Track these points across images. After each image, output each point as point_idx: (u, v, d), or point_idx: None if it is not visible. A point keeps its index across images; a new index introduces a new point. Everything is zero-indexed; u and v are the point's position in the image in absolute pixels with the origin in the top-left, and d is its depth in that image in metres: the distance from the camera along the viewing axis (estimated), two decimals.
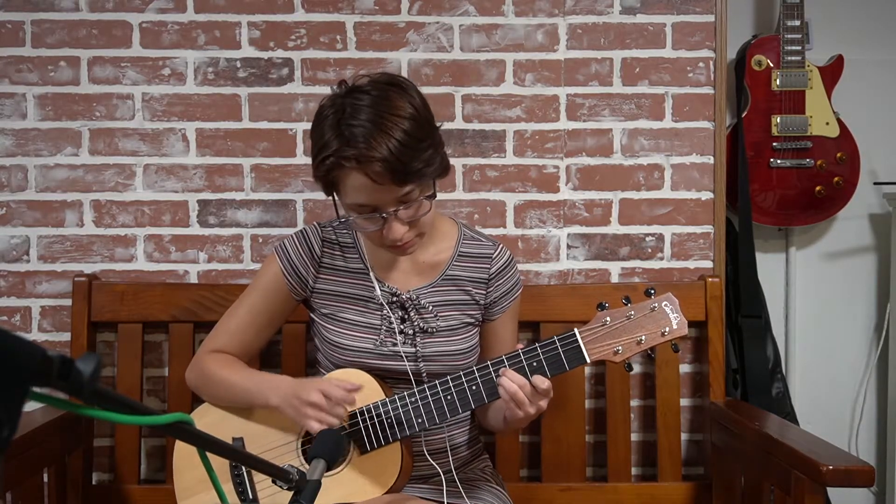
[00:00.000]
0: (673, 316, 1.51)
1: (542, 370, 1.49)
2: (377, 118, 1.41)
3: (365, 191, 1.44)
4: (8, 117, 2.10)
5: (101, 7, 2.10)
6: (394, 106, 1.44)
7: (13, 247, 2.11)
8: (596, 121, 2.16)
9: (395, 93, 1.46)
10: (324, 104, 1.49)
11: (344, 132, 1.41)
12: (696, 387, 2.15)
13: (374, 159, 1.40)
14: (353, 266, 1.65)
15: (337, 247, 1.66)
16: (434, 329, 1.63)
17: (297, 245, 1.66)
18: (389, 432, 1.54)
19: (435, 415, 1.53)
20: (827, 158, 2.43)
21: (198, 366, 1.67)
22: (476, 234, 1.72)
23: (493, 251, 1.69)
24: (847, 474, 1.51)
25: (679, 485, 2.07)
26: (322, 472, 1.16)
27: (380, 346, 1.61)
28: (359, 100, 1.44)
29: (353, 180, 1.44)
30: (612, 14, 2.15)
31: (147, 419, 0.76)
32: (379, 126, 1.41)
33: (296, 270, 1.65)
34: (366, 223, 1.49)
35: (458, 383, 1.53)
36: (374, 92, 1.45)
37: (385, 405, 1.54)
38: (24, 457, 1.70)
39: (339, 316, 1.64)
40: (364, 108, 1.43)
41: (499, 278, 1.68)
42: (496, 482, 1.74)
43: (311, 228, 1.67)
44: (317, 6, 2.12)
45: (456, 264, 1.67)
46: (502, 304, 1.70)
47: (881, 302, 2.59)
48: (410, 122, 1.44)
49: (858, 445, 2.58)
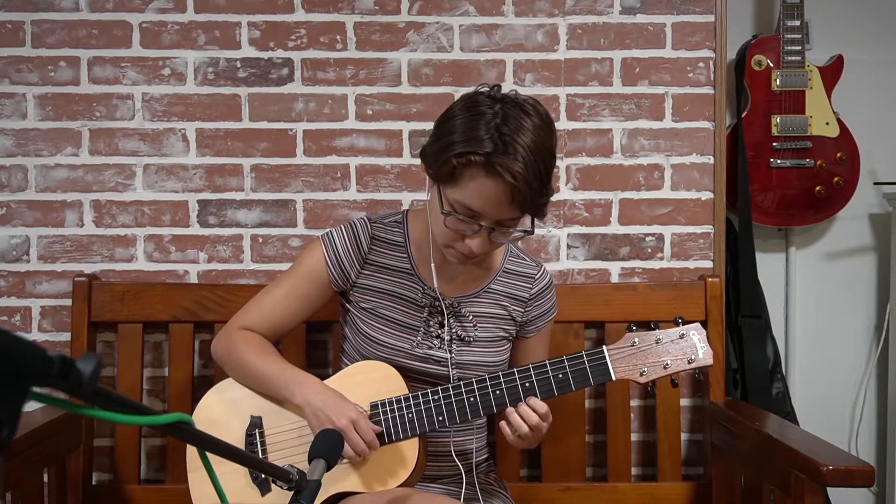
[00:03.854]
0: (700, 346, 1.54)
1: (568, 382, 1.53)
2: (536, 144, 1.43)
3: (487, 199, 1.44)
4: (8, 117, 2.10)
5: (101, 7, 2.10)
6: (548, 140, 1.47)
7: (13, 247, 2.11)
8: (596, 121, 2.16)
9: (549, 129, 1.49)
10: (481, 100, 1.48)
11: (505, 140, 1.41)
12: (696, 387, 2.15)
13: (518, 178, 1.41)
14: (400, 265, 1.66)
15: (385, 244, 1.66)
16: (472, 339, 1.65)
17: (345, 238, 1.66)
18: (409, 427, 1.55)
19: (456, 415, 1.54)
20: (827, 158, 2.43)
21: (228, 340, 1.67)
22: (522, 252, 1.75)
23: (536, 272, 1.71)
24: (847, 474, 1.51)
25: (679, 485, 2.07)
26: (322, 471, 1.16)
27: (416, 347, 1.62)
28: (522, 119, 1.44)
29: (482, 185, 1.44)
30: (612, 14, 2.15)
31: (147, 419, 0.76)
32: (535, 152, 1.42)
33: (340, 263, 1.65)
34: (459, 224, 1.49)
35: (483, 387, 1.54)
36: (536, 119, 1.46)
37: (408, 400, 1.56)
38: (24, 457, 1.70)
39: (379, 312, 1.65)
40: (527, 129, 1.43)
41: (538, 299, 1.71)
42: (499, 486, 1.75)
43: (360, 223, 1.67)
44: (317, 6, 2.12)
45: (500, 279, 1.69)
46: (537, 324, 1.72)
47: (881, 302, 2.59)
48: (552, 161, 1.48)
49: (858, 445, 2.58)
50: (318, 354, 2.12)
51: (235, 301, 1.94)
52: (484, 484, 1.72)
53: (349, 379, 1.62)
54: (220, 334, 1.71)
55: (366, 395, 1.58)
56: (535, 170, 1.42)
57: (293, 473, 1.09)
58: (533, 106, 1.48)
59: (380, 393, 1.58)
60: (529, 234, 1.54)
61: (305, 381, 1.58)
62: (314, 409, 1.53)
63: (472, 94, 1.51)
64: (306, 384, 1.57)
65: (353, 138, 2.13)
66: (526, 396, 1.52)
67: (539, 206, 1.48)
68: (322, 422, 1.51)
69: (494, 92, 1.50)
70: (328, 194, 2.13)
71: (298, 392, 1.56)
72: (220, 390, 1.67)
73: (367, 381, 1.60)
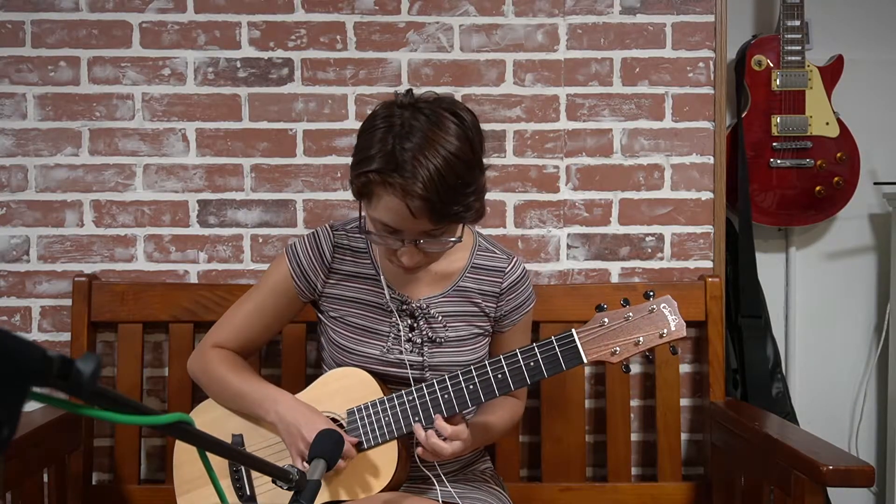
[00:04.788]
0: (671, 318, 1.50)
1: (539, 370, 1.50)
2: (428, 147, 1.37)
3: (396, 216, 1.41)
4: (8, 117, 2.10)
5: (101, 7, 2.10)
6: (447, 138, 1.39)
7: (13, 247, 2.11)
8: (596, 121, 2.16)
9: (452, 123, 1.41)
10: (377, 111, 1.46)
11: (394, 154, 1.37)
12: (695, 387, 2.15)
13: (415, 195, 1.36)
14: (365, 272, 1.64)
15: (349, 251, 1.65)
16: (442, 339, 1.63)
17: (307, 249, 1.65)
18: (387, 430, 1.54)
19: (432, 413, 1.53)
20: (827, 158, 2.43)
21: (201, 359, 1.68)
22: (492, 245, 1.71)
23: (506, 265, 1.67)
24: (847, 474, 1.51)
25: (679, 485, 2.07)
26: (322, 471, 1.17)
27: (386, 353, 1.61)
28: (428, 129, 1.38)
29: (388, 202, 1.41)
30: (612, 14, 2.15)
31: (147, 419, 0.76)
32: (428, 158, 1.36)
33: (305, 274, 1.64)
34: (384, 240, 1.48)
35: (456, 383, 1.53)
36: (448, 124, 1.40)
37: (383, 403, 1.55)
38: (24, 457, 1.70)
39: (347, 320, 1.64)
40: (417, 130, 1.38)
41: (510, 293, 1.67)
42: (496, 483, 1.74)
43: (323, 232, 1.65)
44: (317, 6, 2.12)
45: (468, 276, 1.66)
46: (512, 318, 1.69)
47: (881, 302, 2.59)
48: (460, 163, 1.39)
49: (858, 445, 2.58)
50: (318, 355, 2.11)
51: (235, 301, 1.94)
52: (474, 480, 1.70)
53: (324, 388, 1.62)
54: (195, 353, 1.71)
55: (342, 402, 1.58)
56: (437, 182, 1.35)
57: (293, 473, 1.09)
58: (448, 109, 1.43)
59: (355, 399, 1.56)
60: (458, 241, 1.50)
61: (279, 397, 1.58)
62: (286, 424, 1.53)
63: (388, 102, 1.47)
64: (280, 401, 1.57)
65: (353, 138, 2.11)
66: (500, 388, 1.51)
67: (454, 213, 1.41)
68: (294, 437, 1.51)
69: (407, 98, 1.45)
70: (328, 194, 2.13)
71: (272, 409, 1.56)
72: (199, 412, 1.68)
73: (342, 388, 1.59)
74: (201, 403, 1.70)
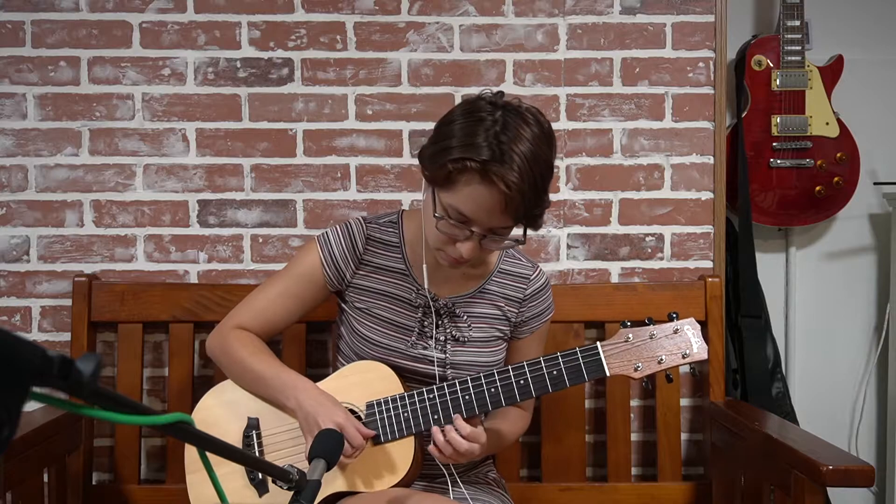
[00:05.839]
0: (694, 340, 1.54)
1: (562, 378, 1.52)
2: (533, 155, 1.42)
3: (480, 206, 1.44)
4: (8, 117, 2.10)
5: (101, 7, 2.10)
6: (547, 151, 1.46)
7: (13, 247, 2.11)
8: (596, 121, 2.16)
9: (549, 139, 1.48)
10: (482, 105, 1.47)
11: (502, 149, 1.41)
12: (696, 387, 2.15)
13: (512, 187, 1.40)
14: (395, 265, 1.66)
15: (380, 245, 1.67)
16: (466, 339, 1.65)
17: (340, 238, 1.66)
18: (405, 426, 1.55)
19: (451, 413, 1.54)
20: (827, 158, 2.43)
21: (222, 339, 1.68)
22: (518, 252, 1.74)
23: (531, 272, 1.71)
24: (847, 474, 1.51)
25: (679, 485, 2.07)
26: (322, 471, 1.16)
27: (410, 347, 1.63)
28: (522, 128, 1.44)
29: (476, 191, 1.43)
30: (612, 14, 2.15)
31: (147, 419, 0.76)
32: (532, 162, 1.42)
33: (335, 263, 1.65)
34: (451, 228, 1.48)
35: (478, 385, 1.54)
36: (536, 129, 1.45)
37: (403, 399, 1.56)
38: (24, 457, 1.70)
39: (373, 312, 1.65)
40: (526, 139, 1.43)
41: (533, 300, 1.70)
42: (498, 486, 1.75)
43: (356, 223, 1.67)
44: (317, 6, 2.12)
45: (495, 279, 1.69)
46: (531, 325, 1.72)
47: (881, 302, 2.59)
48: (549, 172, 1.48)
49: (858, 445, 2.58)
50: (318, 354, 2.12)
51: (235, 301, 1.93)
52: (478, 482, 1.71)
53: (345, 379, 1.63)
54: (214, 332, 1.71)
55: (361, 395, 1.59)
56: (530, 180, 1.41)
57: (293, 473, 1.09)
58: (534, 115, 1.48)
59: (375, 393, 1.58)
60: (521, 243, 1.53)
61: (299, 384, 1.59)
62: (305, 412, 1.54)
63: (474, 98, 1.51)
64: (300, 388, 1.57)
65: (353, 138, 2.13)
66: (521, 393, 1.53)
67: (533, 216, 1.48)
68: (311, 425, 1.51)
69: (496, 98, 1.49)
70: (328, 194, 2.13)
71: (292, 396, 1.57)
72: (217, 392, 1.68)
73: (363, 382, 1.60)
74: (219, 384, 1.69)
